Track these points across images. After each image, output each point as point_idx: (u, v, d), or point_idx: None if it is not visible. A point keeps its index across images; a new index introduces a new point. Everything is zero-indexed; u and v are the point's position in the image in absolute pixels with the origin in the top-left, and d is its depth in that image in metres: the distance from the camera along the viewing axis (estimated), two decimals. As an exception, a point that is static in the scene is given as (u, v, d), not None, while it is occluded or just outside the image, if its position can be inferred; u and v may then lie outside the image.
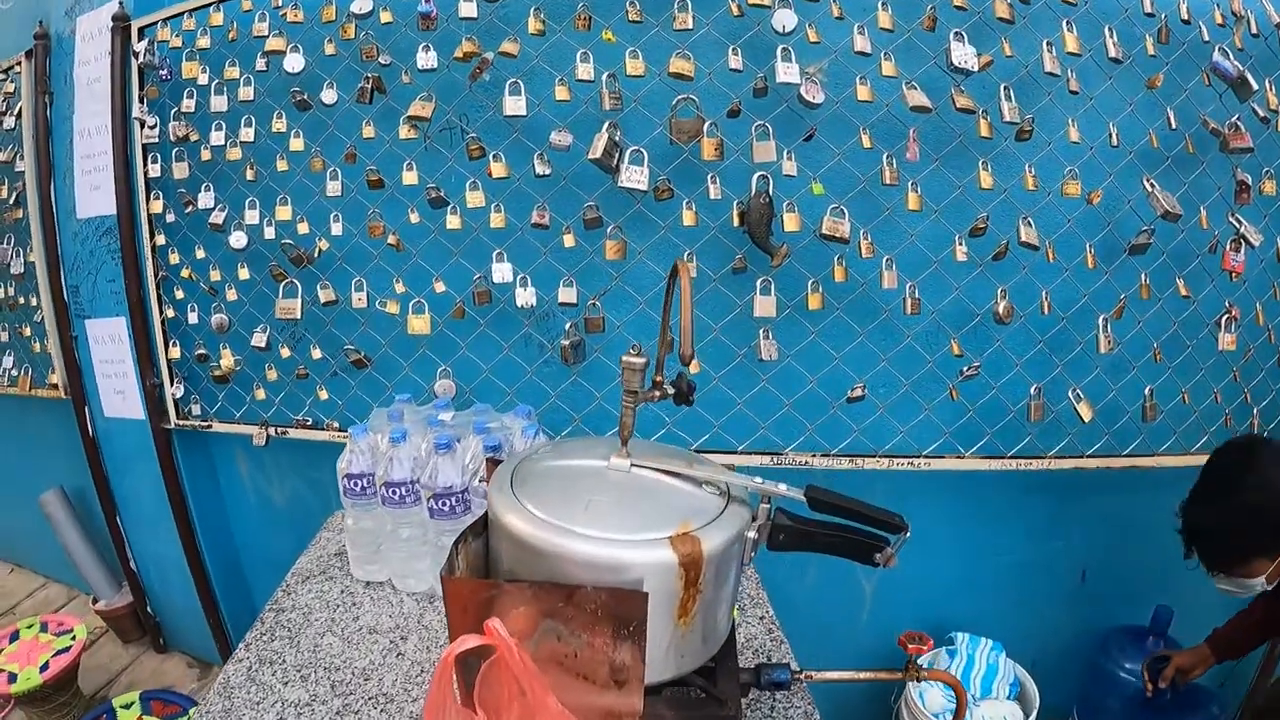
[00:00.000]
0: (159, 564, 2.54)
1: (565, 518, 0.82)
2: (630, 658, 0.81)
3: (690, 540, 0.82)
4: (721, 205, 1.71)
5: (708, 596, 0.86)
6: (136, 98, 1.97)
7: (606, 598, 0.78)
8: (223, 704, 1.20)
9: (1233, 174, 1.77)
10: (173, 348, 2.09)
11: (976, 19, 1.64)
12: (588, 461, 0.96)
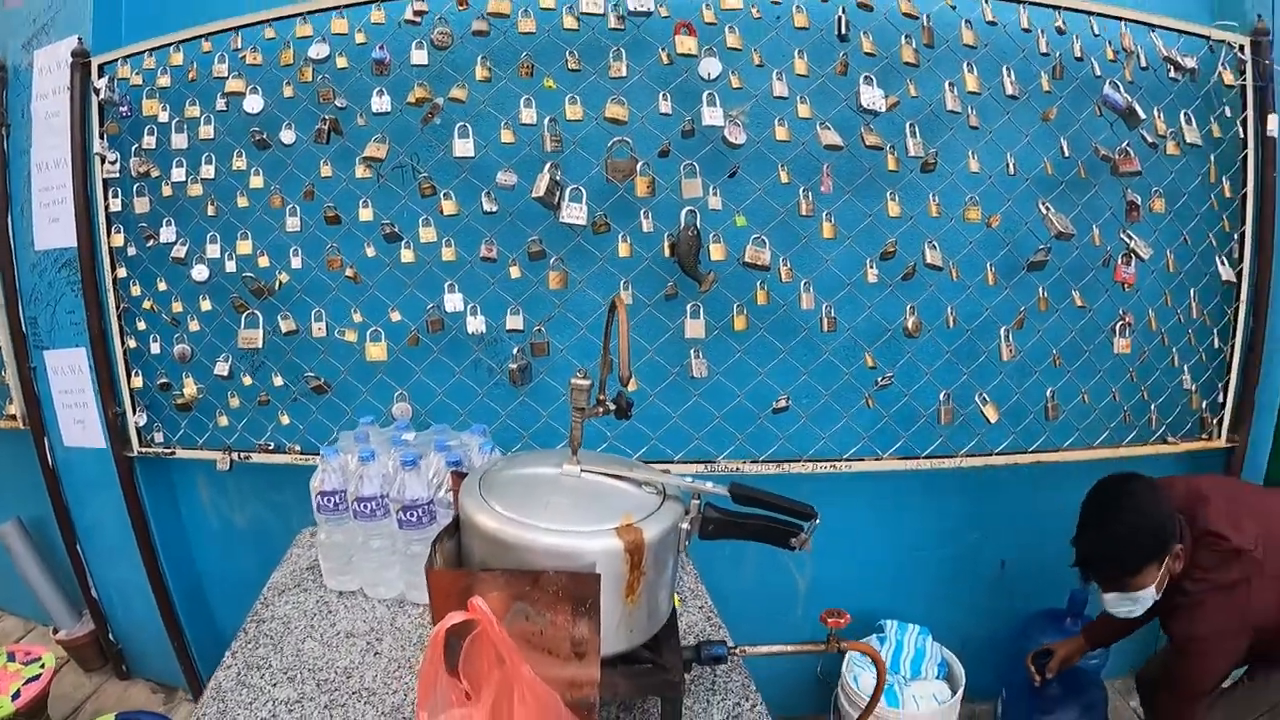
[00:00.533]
0: (121, 591, 2.64)
1: (528, 515, 1.03)
2: (588, 631, 1.02)
3: (633, 530, 1.04)
4: (653, 238, 1.96)
5: (650, 578, 1.08)
6: (97, 133, 2.11)
7: (566, 580, 0.99)
8: (217, 706, 1.34)
9: (1123, 195, 2.08)
10: (135, 377, 2.22)
11: (885, 63, 1.91)
12: (544, 469, 1.17)
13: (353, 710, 1.32)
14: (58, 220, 2.29)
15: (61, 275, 2.30)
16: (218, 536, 2.52)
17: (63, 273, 2.29)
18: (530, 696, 0.96)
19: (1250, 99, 2.09)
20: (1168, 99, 2.06)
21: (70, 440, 2.47)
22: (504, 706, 0.97)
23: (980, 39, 1.92)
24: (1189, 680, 1.77)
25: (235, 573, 2.54)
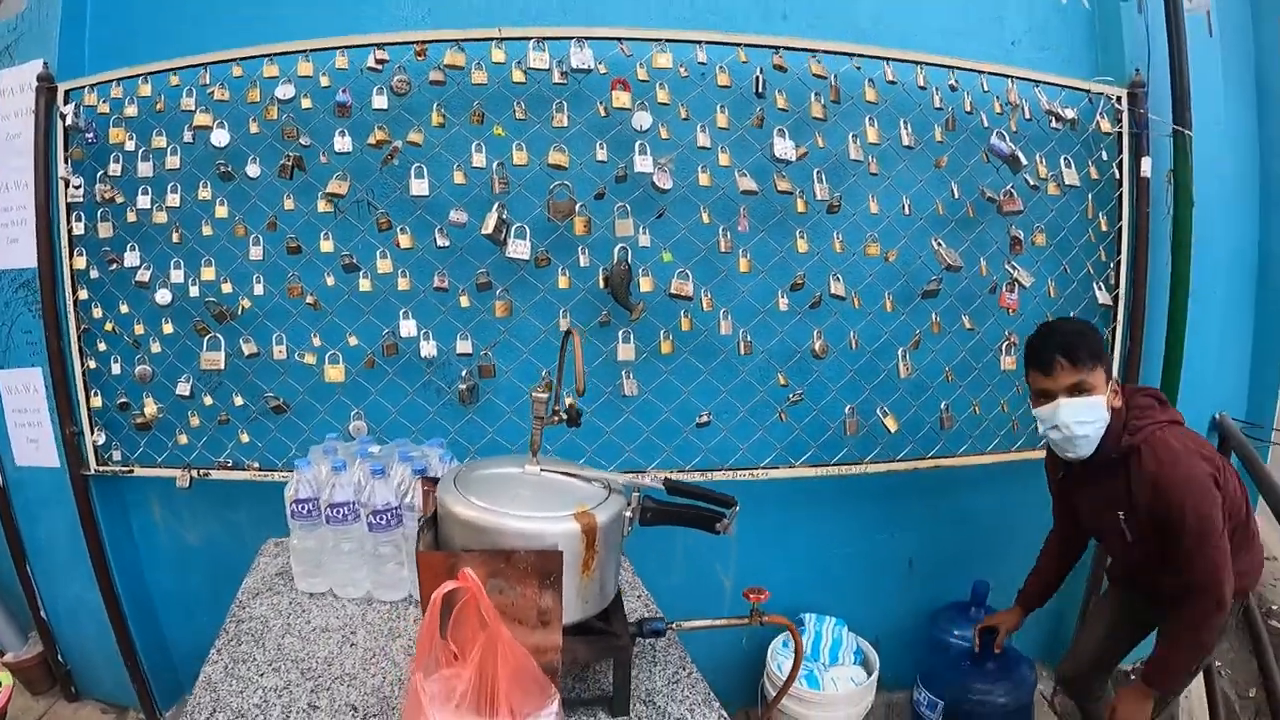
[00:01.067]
0: (71, 611, 2.75)
1: (500, 505, 1.31)
2: (552, 602, 1.31)
3: (588, 515, 1.33)
4: (589, 271, 2.28)
5: (601, 557, 1.37)
6: (62, 158, 2.28)
7: (534, 558, 1.26)
8: (210, 696, 1.53)
9: (1008, 231, 2.48)
10: (94, 397, 2.39)
11: (796, 117, 2.27)
12: (509, 469, 1.46)
13: (337, 693, 1.53)
14: (16, 241, 2.44)
15: (19, 296, 2.45)
16: (170, 555, 2.69)
17: (20, 293, 2.45)
18: (509, 654, 1.22)
19: (1126, 144, 2.51)
20: (1049, 145, 2.46)
21: (22, 459, 2.60)
22: (488, 664, 1.23)
23: (881, 96, 2.29)
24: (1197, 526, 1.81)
25: (187, 591, 2.72)
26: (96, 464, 2.45)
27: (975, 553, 2.62)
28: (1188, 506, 1.81)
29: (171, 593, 2.76)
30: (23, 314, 2.47)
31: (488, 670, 1.22)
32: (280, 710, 1.47)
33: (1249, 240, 2.94)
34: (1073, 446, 1.90)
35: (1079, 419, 1.86)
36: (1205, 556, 1.82)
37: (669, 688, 1.54)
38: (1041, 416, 1.92)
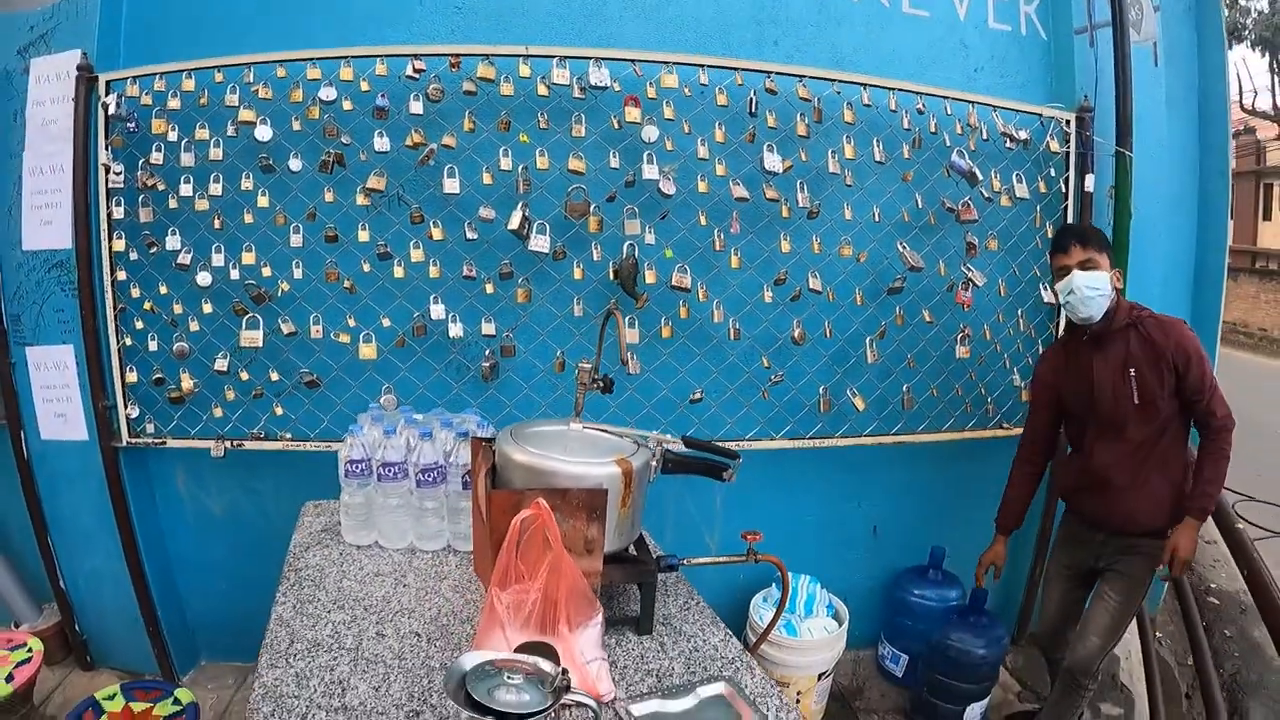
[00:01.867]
0: (91, 581, 3.00)
1: (554, 453, 1.72)
2: (597, 533, 1.72)
3: (626, 462, 1.74)
4: (601, 264, 2.71)
5: (635, 497, 1.80)
6: (103, 145, 2.55)
7: (584, 494, 1.66)
8: (285, 630, 1.81)
9: (964, 237, 2.97)
10: (130, 373, 2.68)
11: (784, 135, 2.72)
12: (555, 427, 1.88)
13: (400, 623, 1.85)
14: (50, 223, 2.70)
15: (51, 275, 2.72)
16: (192, 526, 2.99)
17: (52, 273, 2.72)
18: (567, 574, 1.59)
19: (1073, 162, 3.03)
20: (1004, 163, 2.97)
21: (48, 433, 2.84)
22: (551, 582, 1.65)
23: (858, 117, 2.76)
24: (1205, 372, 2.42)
25: (207, 561, 3.03)
26: (129, 436, 2.73)
27: (933, 521, 3.13)
28: (1195, 347, 2.42)
29: (191, 562, 3.06)
30: (54, 293, 2.73)
31: (551, 587, 1.59)
32: (352, 639, 1.77)
33: (1187, 252, 3.55)
34: (1085, 306, 2.43)
35: (1089, 284, 2.41)
36: (1220, 401, 2.45)
37: (682, 613, 1.95)
38: (1060, 288, 2.48)
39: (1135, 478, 2.53)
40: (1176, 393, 2.46)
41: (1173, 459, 2.53)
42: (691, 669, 1.74)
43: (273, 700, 1.55)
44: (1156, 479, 2.52)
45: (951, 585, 3.14)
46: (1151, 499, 2.53)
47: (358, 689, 1.59)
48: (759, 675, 1.72)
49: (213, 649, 3.21)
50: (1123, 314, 2.48)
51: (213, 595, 3.09)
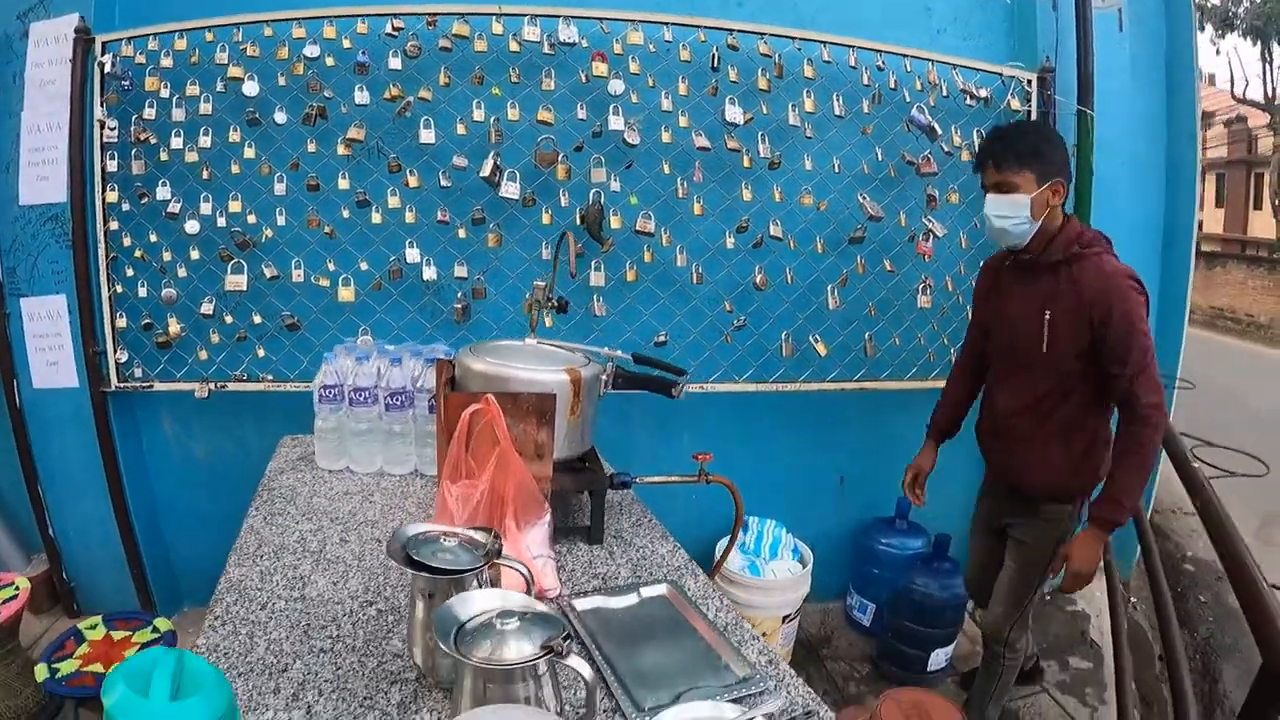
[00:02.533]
0: (79, 529, 3.16)
1: (510, 362, 1.90)
2: (546, 438, 1.88)
3: (575, 371, 1.92)
4: (568, 210, 2.90)
5: (584, 406, 1.97)
6: (98, 102, 2.74)
7: (534, 399, 1.83)
8: (254, 537, 1.96)
9: (925, 190, 3.14)
10: (119, 319, 2.87)
11: (745, 89, 2.90)
12: (512, 342, 2.05)
13: (363, 532, 2.00)
14: (46, 179, 2.89)
15: (46, 228, 2.91)
16: (177, 470, 3.16)
17: (47, 226, 2.91)
18: (514, 471, 1.72)
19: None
20: (964, 119, 3.14)
21: (40, 382, 3.01)
22: (498, 478, 1.77)
23: (818, 73, 2.95)
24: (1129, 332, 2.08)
25: (191, 506, 3.20)
26: (118, 380, 2.91)
27: (899, 472, 3.24)
28: (1124, 310, 2.09)
29: (176, 507, 3.23)
30: (49, 245, 2.92)
31: (498, 482, 1.74)
32: (317, 544, 1.92)
33: (1155, 213, 3.68)
34: (998, 236, 2.27)
35: (997, 212, 2.23)
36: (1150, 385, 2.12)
37: (633, 529, 2.11)
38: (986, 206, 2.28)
39: (1033, 434, 2.35)
40: (1092, 355, 2.19)
41: (1077, 431, 2.30)
42: (638, 574, 1.88)
43: (236, 591, 1.70)
44: (1055, 446, 2.33)
45: (917, 535, 3.29)
46: (1046, 463, 2.35)
47: (317, 584, 1.73)
48: (702, 579, 1.86)
49: (195, 594, 3.37)
50: (1060, 245, 2.22)
51: (197, 540, 3.26)
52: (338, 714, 1.28)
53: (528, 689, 1.09)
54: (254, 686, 1.34)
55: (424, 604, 1.32)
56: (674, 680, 1.43)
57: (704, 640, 1.59)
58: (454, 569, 1.30)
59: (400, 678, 1.40)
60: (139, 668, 0.89)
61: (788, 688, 1.42)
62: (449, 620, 1.13)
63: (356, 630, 1.55)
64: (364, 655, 1.47)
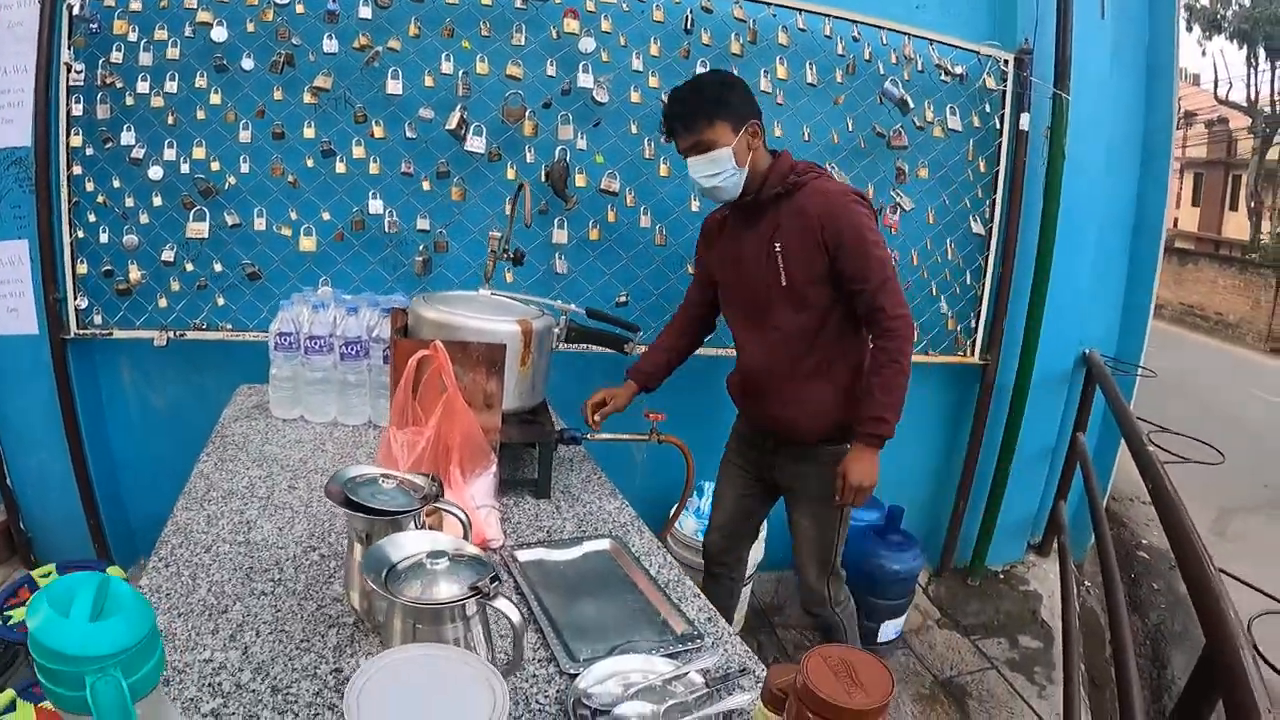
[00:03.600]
0: (37, 478, 3.16)
1: (462, 311, 1.95)
2: (496, 388, 1.93)
3: (527, 323, 1.97)
4: (534, 167, 2.94)
5: (535, 359, 2.02)
6: (65, 44, 2.73)
7: (484, 348, 1.88)
8: (204, 481, 2.00)
9: (894, 163, 3.20)
10: (80, 265, 2.87)
11: (718, 52, 2.95)
12: (467, 294, 2.10)
13: (312, 479, 2.05)
14: (11, 122, 2.88)
15: (9, 172, 2.90)
16: (135, 419, 3.17)
17: (10, 170, 2.90)
18: (462, 418, 1.77)
19: (1009, 100, 3.27)
20: (938, 95, 3.20)
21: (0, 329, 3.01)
22: (445, 425, 1.81)
23: (792, 40, 2.99)
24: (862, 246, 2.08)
25: (149, 456, 3.21)
26: (77, 327, 2.91)
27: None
28: (851, 223, 2.09)
29: (133, 457, 3.24)
30: (12, 189, 2.91)
31: (444, 430, 1.79)
32: (265, 490, 1.98)
33: (1127, 198, 3.75)
34: (711, 195, 2.24)
35: (704, 174, 2.17)
36: (893, 296, 2.13)
37: (582, 484, 2.18)
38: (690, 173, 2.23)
39: (790, 379, 2.29)
40: (832, 278, 2.18)
41: (837, 357, 2.27)
42: (583, 529, 1.94)
43: (182, 534, 1.75)
44: (816, 382, 2.27)
45: (872, 507, 3.35)
46: (811, 406, 2.29)
47: (263, 529, 1.79)
48: (648, 536, 1.91)
49: (151, 545, 3.33)
50: (775, 180, 2.19)
51: (154, 490, 3.15)
52: (274, 655, 1.32)
53: (456, 630, 1.12)
54: (193, 627, 1.38)
55: (361, 547, 1.34)
56: (610, 634, 1.48)
57: (644, 596, 1.65)
58: (390, 509, 1.32)
59: (338, 622, 1.45)
60: (62, 590, 0.90)
61: (725, 644, 1.47)
62: (380, 560, 1.15)
63: (298, 575, 1.60)
64: (304, 599, 1.51)
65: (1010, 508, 3.80)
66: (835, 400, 2.27)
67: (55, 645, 0.80)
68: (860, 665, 0.92)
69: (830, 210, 2.10)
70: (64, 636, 0.81)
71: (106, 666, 0.81)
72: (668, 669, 1.31)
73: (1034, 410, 3.64)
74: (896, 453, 3.00)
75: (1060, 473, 3.94)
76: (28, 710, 2.01)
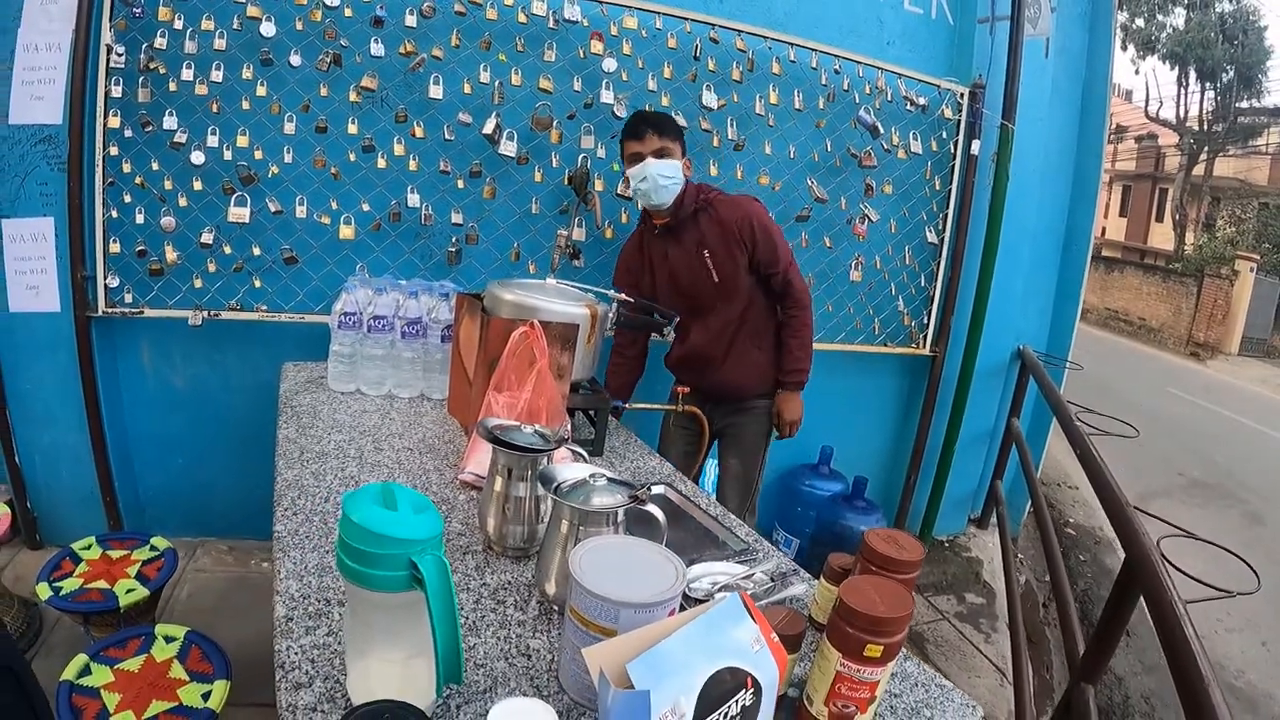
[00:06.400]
0: (48, 457, 3.26)
1: (537, 297, 2.30)
2: (568, 361, 2.30)
3: (593, 307, 2.33)
4: (558, 171, 3.31)
5: (596, 336, 2.40)
6: (106, 26, 2.86)
7: (561, 327, 2.22)
8: (293, 445, 2.16)
9: (864, 180, 3.70)
10: (113, 244, 3.02)
11: (721, 78, 3.38)
12: (535, 281, 2.48)
13: (393, 443, 2.29)
14: (41, 99, 2.98)
15: (37, 149, 3.00)
16: (153, 399, 3.32)
17: (39, 147, 3.00)
18: (547, 385, 2.11)
19: (963, 129, 3.83)
20: (903, 122, 3.73)
21: (16, 305, 3.07)
22: (537, 389, 2.11)
23: (784, 70, 3.45)
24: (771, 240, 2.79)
25: (165, 435, 3.39)
26: (105, 306, 3.05)
27: (824, 424, 3.79)
28: (761, 223, 2.79)
29: (148, 436, 3.40)
30: (39, 166, 3.01)
31: (536, 394, 2.11)
32: (355, 451, 2.21)
33: (1060, 216, 4.44)
34: (658, 194, 2.72)
35: (663, 173, 2.70)
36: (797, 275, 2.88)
37: (624, 447, 2.55)
38: (634, 174, 2.74)
39: (730, 353, 2.94)
40: (752, 268, 2.82)
41: (764, 330, 2.95)
42: (638, 479, 2.31)
43: (297, 488, 1.94)
44: (752, 352, 2.94)
45: (838, 479, 3.85)
46: (751, 369, 2.95)
47: (369, 481, 2.00)
48: (691, 485, 2.30)
49: (162, 524, 3.50)
50: (690, 199, 2.78)
51: (167, 470, 3.47)
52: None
53: (610, 533, 1.45)
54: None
55: (502, 480, 1.68)
56: (688, 550, 1.88)
57: (702, 525, 2.07)
58: (535, 448, 1.66)
59: (470, 549, 1.74)
60: (373, 492, 1.15)
61: (774, 556, 1.89)
62: (550, 478, 1.50)
63: None
64: None
65: (954, 484, 4.42)
66: (768, 360, 2.95)
67: (389, 532, 1.07)
68: (899, 537, 1.46)
69: (744, 215, 2.77)
70: (396, 525, 1.09)
71: (428, 548, 1.09)
72: (741, 570, 1.75)
73: (975, 397, 4.26)
74: (858, 432, 3.57)
75: (997, 454, 4.60)
76: (104, 671, 2.10)
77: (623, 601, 1.13)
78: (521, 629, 1.45)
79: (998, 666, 3.49)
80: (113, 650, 2.20)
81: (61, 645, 2.91)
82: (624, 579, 1.18)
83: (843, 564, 1.54)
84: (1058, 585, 2.88)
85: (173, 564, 2.72)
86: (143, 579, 2.60)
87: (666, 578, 1.20)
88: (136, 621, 2.59)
